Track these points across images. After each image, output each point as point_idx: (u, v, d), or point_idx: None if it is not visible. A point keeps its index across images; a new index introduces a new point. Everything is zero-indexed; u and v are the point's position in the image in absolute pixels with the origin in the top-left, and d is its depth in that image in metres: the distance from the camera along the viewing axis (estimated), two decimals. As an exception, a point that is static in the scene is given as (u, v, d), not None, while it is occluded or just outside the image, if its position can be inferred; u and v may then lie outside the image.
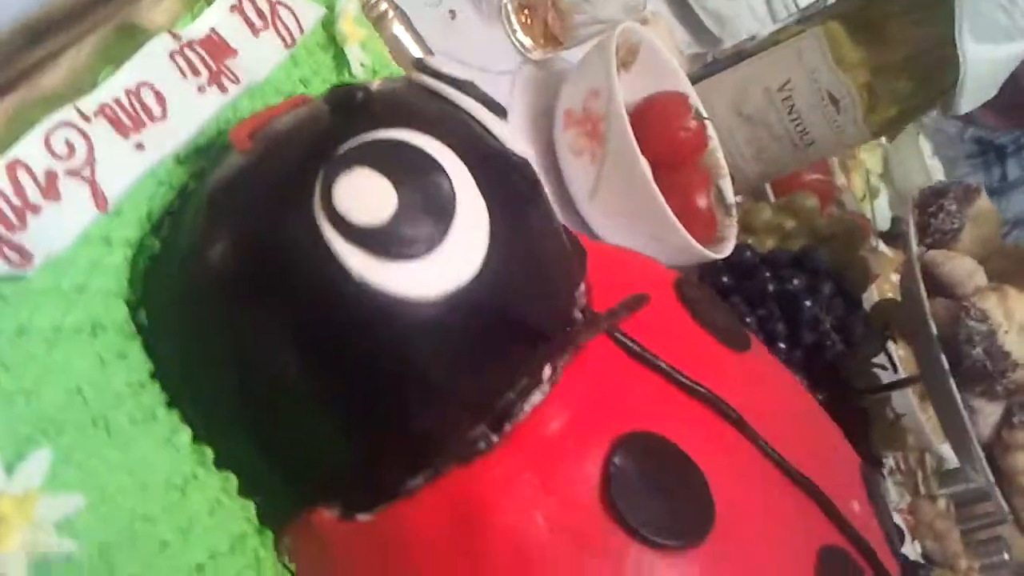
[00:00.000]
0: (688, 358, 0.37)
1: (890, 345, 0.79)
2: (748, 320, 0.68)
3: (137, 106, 0.35)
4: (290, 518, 0.33)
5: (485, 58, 0.67)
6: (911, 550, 0.86)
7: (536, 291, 0.34)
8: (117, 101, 0.34)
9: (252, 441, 0.33)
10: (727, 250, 0.69)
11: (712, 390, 0.36)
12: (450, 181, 0.32)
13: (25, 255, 0.29)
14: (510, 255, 0.33)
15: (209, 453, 0.33)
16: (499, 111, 0.38)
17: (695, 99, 0.73)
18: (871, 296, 0.85)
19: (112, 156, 0.33)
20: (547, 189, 0.66)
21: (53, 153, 0.32)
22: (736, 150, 0.80)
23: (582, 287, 0.38)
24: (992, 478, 0.68)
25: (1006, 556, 0.99)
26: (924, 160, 1.25)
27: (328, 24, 0.46)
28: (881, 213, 1.19)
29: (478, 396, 0.33)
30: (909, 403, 0.83)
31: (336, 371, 0.31)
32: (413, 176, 0.31)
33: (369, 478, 0.32)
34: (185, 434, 0.33)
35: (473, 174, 0.33)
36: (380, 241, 0.30)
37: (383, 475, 0.32)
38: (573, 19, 0.70)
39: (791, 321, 0.70)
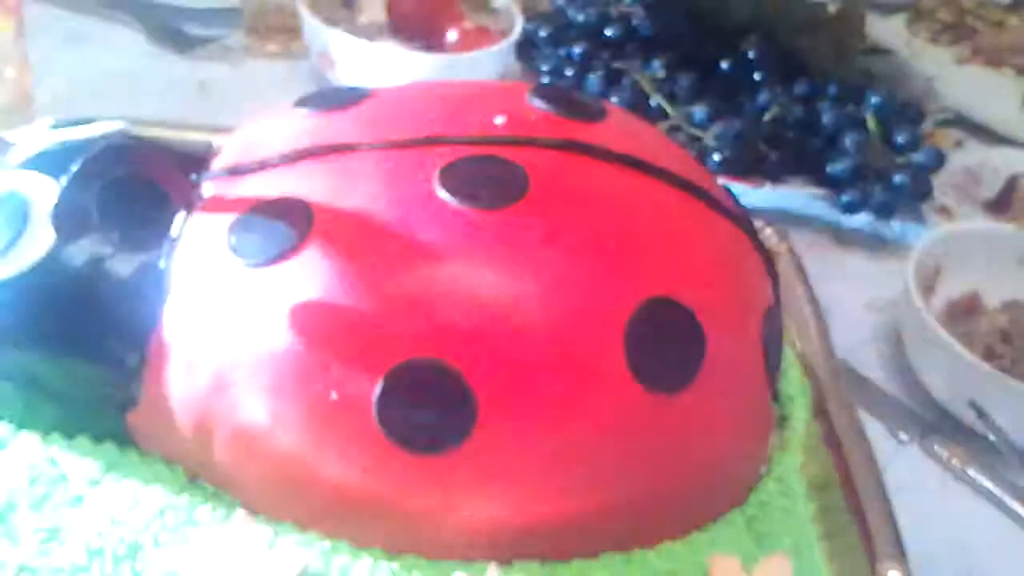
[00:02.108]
0: (294, 138, 0.47)
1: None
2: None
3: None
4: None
5: (265, 93, 0.80)
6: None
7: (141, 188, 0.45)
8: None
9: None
10: (513, 38, 0.77)
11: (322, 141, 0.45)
12: (15, 189, 0.45)
13: None
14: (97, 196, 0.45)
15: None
16: (83, 122, 0.51)
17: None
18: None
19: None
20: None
21: None
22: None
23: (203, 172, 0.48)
24: None
25: None
26: None
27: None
28: None
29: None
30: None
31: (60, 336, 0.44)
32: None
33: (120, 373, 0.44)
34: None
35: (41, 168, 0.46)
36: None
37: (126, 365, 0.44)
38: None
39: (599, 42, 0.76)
